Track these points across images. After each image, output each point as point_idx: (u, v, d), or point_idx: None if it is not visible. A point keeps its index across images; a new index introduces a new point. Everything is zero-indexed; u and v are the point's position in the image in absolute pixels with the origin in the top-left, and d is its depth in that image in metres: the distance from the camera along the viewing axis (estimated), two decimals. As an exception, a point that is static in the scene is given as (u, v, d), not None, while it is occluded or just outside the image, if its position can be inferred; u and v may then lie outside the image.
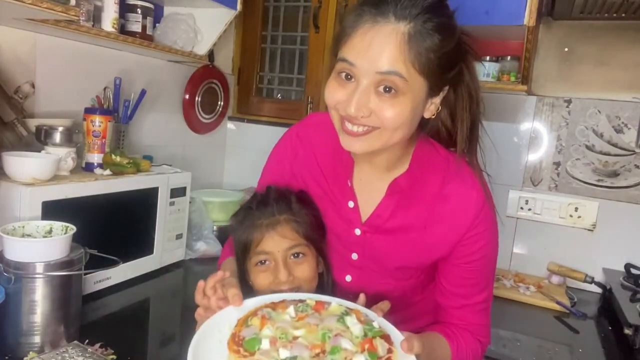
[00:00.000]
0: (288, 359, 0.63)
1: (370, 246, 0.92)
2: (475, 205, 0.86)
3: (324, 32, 2.17)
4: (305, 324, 0.71)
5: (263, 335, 0.68)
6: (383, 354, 0.68)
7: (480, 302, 0.92)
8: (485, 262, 0.90)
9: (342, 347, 0.67)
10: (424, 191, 0.87)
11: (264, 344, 0.66)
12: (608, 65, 1.76)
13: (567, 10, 1.62)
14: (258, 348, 0.66)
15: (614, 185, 1.78)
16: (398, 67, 0.71)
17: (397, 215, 0.89)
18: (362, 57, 0.72)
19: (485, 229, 0.87)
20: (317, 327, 0.70)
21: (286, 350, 0.64)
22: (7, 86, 1.35)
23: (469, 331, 0.92)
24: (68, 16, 1.12)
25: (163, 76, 1.94)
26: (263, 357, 0.64)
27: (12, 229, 1.09)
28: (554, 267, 1.81)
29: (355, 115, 0.74)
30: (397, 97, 0.73)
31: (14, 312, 1.05)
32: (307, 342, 0.67)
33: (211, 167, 2.32)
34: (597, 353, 1.37)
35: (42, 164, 1.22)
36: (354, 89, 0.74)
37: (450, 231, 0.87)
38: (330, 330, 0.70)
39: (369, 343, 0.68)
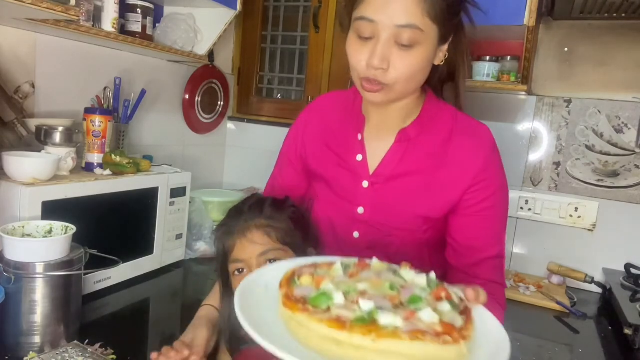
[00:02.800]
0: (378, 311, 0.54)
1: (377, 198, 0.91)
2: (485, 150, 0.87)
3: (324, 32, 2.17)
4: (363, 278, 0.63)
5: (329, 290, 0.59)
6: (458, 303, 0.61)
7: (495, 256, 0.89)
8: (497, 212, 0.89)
9: (421, 296, 0.59)
10: (432, 138, 0.89)
11: (338, 298, 0.57)
12: (608, 65, 1.76)
13: (567, 10, 1.62)
14: (332, 304, 0.56)
15: (614, 185, 1.78)
16: (415, 19, 0.76)
17: (405, 162, 0.90)
18: (380, 13, 0.76)
19: (495, 175, 0.88)
20: (380, 280, 0.62)
21: (368, 302, 0.55)
22: (7, 86, 1.35)
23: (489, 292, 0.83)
24: (68, 16, 1.12)
25: (163, 76, 1.94)
26: (343, 311, 0.54)
27: (12, 229, 1.09)
28: (554, 267, 1.81)
29: (378, 67, 0.78)
30: (414, 48, 0.78)
31: (14, 312, 1.05)
32: (379, 294, 0.59)
33: (211, 167, 2.32)
34: (597, 353, 1.37)
35: (42, 164, 1.22)
36: (375, 44, 0.78)
37: (460, 174, 0.87)
38: (396, 283, 0.62)
39: (444, 291, 0.61)
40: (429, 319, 0.53)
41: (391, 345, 0.50)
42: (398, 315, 0.53)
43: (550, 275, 1.82)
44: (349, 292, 0.59)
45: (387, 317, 0.52)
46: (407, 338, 0.50)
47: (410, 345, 0.50)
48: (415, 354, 0.50)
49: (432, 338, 0.51)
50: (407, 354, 0.50)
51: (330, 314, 0.54)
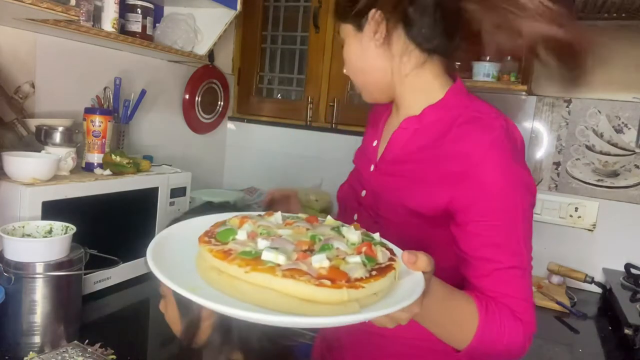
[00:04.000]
0: (268, 248, 0.54)
1: (376, 182, 0.91)
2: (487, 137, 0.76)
3: (324, 32, 2.17)
4: (293, 227, 0.62)
5: (235, 227, 0.61)
6: (383, 262, 0.58)
7: (512, 267, 0.77)
8: (505, 219, 0.77)
9: (335, 246, 0.58)
10: (434, 129, 0.83)
11: (240, 234, 0.58)
12: (608, 65, 1.76)
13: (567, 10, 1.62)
14: (233, 238, 0.58)
15: (614, 185, 1.78)
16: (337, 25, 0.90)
17: (405, 150, 0.87)
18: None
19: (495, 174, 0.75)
20: (307, 231, 0.61)
21: (266, 241, 0.56)
22: (7, 86, 1.35)
23: (506, 305, 0.76)
24: (68, 16, 1.12)
25: (163, 76, 1.94)
26: (237, 246, 0.56)
27: (12, 229, 1.09)
28: (554, 267, 1.81)
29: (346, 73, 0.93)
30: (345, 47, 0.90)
31: (14, 312, 1.05)
32: (292, 239, 0.58)
33: (211, 167, 2.32)
34: (597, 353, 1.37)
35: (42, 164, 1.22)
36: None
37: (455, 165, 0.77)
38: (322, 235, 0.61)
39: (367, 246, 0.59)
40: (317, 263, 0.53)
41: (263, 278, 0.51)
42: (288, 256, 0.54)
43: (550, 275, 1.82)
44: (265, 232, 0.60)
45: (269, 255, 0.53)
46: (280, 275, 0.51)
47: (282, 281, 0.51)
48: (288, 290, 0.51)
49: (308, 280, 0.51)
50: (278, 289, 0.51)
51: (221, 247, 0.56)
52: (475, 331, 0.72)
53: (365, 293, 0.53)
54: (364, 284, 0.53)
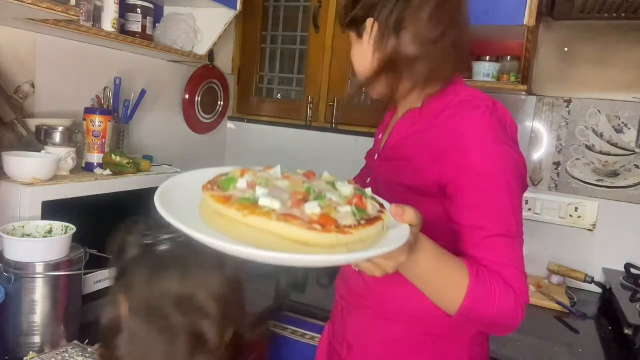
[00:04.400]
0: (265, 195, 0.58)
1: (378, 170, 0.99)
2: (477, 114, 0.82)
3: (324, 32, 2.17)
4: (291, 179, 0.66)
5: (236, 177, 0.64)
6: (372, 214, 0.61)
7: (501, 235, 0.79)
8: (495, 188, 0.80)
9: (328, 196, 0.61)
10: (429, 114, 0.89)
11: (241, 183, 0.62)
12: (608, 65, 1.76)
13: (567, 10, 1.62)
14: (233, 187, 0.62)
15: (614, 185, 1.78)
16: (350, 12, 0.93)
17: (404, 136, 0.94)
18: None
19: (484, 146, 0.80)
20: (303, 184, 0.64)
21: (264, 190, 0.60)
22: (7, 86, 1.35)
23: (497, 272, 0.77)
24: (68, 16, 1.12)
25: (163, 76, 1.94)
26: (237, 193, 0.59)
27: (12, 229, 1.09)
28: (554, 267, 1.81)
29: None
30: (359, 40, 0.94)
31: (14, 312, 1.05)
32: (289, 190, 0.62)
33: (211, 167, 2.32)
34: (597, 353, 1.37)
35: (42, 164, 1.22)
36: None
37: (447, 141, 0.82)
38: (317, 187, 0.64)
39: (358, 198, 0.62)
40: (310, 210, 0.57)
41: (259, 222, 0.55)
42: (284, 203, 0.58)
43: (550, 275, 1.82)
44: (263, 182, 0.63)
45: (266, 201, 0.57)
46: (274, 218, 0.55)
47: (276, 224, 0.55)
48: (282, 233, 0.55)
49: (301, 224, 0.55)
50: (274, 232, 0.55)
51: (223, 194, 0.60)
52: (465, 292, 0.73)
53: (353, 239, 0.56)
54: (353, 231, 0.56)
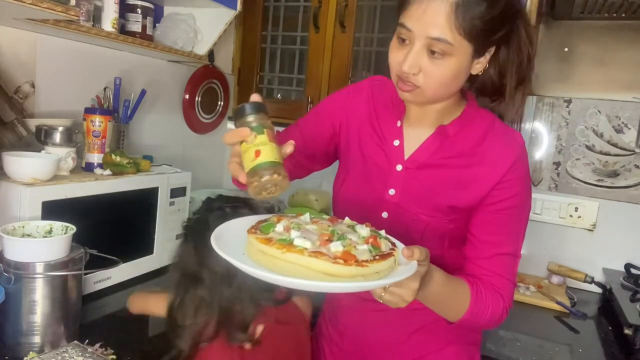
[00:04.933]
0: (298, 237, 0.73)
1: (409, 182, 0.97)
2: (516, 151, 0.94)
3: (324, 32, 2.17)
4: (318, 224, 0.81)
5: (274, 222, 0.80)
6: (385, 250, 0.76)
7: (509, 254, 0.94)
8: (518, 213, 0.95)
9: (349, 237, 0.76)
10: (468, 138, 0.96)
11: (278, 227, 0.77)
12: (608, 65, 1.76)
13: (567, 10, 1.62)
14: (272, 230, 0.77)
15: (614, 185, 1.78)
16: (445, 34, 0.82)
17: (439, 155, 0.96)
18: (415, 23, 0.83)
19: (522, 177, 0.94)
20: (328, 227, 0.79)
21: (297, 232, 0.75)
22: (7, 86, 1.35)
23: (491, 283, 0.93)
24: (68, 16, 1.12)
25: (163, 76, 1.94)
26: (276, 235, 0.74)
27: (12, 229, 1.09)
28: (554, 267, 1.81)
29: (408, 72, 0.86)
30: (444, 59, 0.84)
31: (14, 312, 1.05)
32: (317, 232, 0.77)
33: (211, 167, 2.32)
34: (597, 353, 1.37)
35: (42, 164, 1.22)
36: (408, 50, 0.86)
37: (490, 172, 0.93)
38: (340, 230, 0.79)
39: (373, 238, 0.77)
40: (334, 248, 0.71)
41: (295, 258, 0.70)
42: (313, 243, 0.72)
43: (550, 275, 1.82)
44: (296, 226, 0.77)
45: (300, 241, 0.72)
46: (307, 255, 0.69)
47: (308, 259, 0.69)
48: (312, 267, 0.69)
49: (327, 259, 0.69)
50: (306, 266, 0.69)
51: (265, 235, 0.75)
52: (467, 307, 0.90)
53: (369, 271, 0.70)
54: (369, 264, 0.71)
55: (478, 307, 0.90)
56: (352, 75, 2.16)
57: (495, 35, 0.87)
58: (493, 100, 0.99)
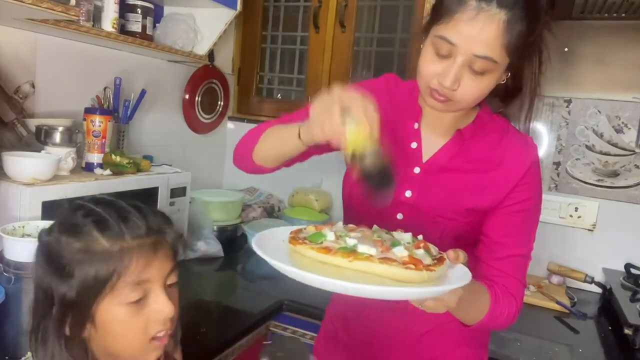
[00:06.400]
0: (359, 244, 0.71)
1: (427, 184, 0.97)
2: (531, 156, 0.95)
3: (324, 32, 2.17)
4: (358, 231, 0.79)
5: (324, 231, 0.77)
6: (436, 254, 0.76)
7: (522, 255, 0.97)
8: (532, 215, 0.97)
9: (401, 242, 0.75)
10: (484, 142, 0.97)
11: (330, 236, 0.75)
12: (608, 65, 1.76)
13: (567, 10, 1.62)
14: (324, 239, 0.74)
15: (614, 185, 1.78)
16: (492, 52, 0.81)
17: (458, 159, 0.97)
18: (463, 39, 0.81)
19: (536, 180, 0.96)
20: (371, 234, 0.78)
21: (352, 239, 0.73)
22: (7, 86, 1.35)
23: (504, 284, 0.95)
24: (68, 16, 1.13)
25: (163, 76, 1.94)
26: (331, 244, 0.72)
27: (12, 229, 1.09)
28: (554, 267, 1.81)
29: (449, 87, 0.84)
30: (485, 75, 0.84)
31: (14, 312, 1.05)
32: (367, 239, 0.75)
33: (211, 167, 2.32)
34: (597, 353, 1.37)
35: (42, 164, 1.22)
36: (450, 64, 0.83)
37: (508, 176, 0.94)
38: (383, 236, 0.78)
39: (423, 243, 0.77)
40: (399, 253, 0.71)
41: (364, 266, 0.68)
42: (375, 248, 0.71)
43: (550, 275, 1.82)
44: (341, 235, 0.76)
45: (364, 247, 0.70)
46: (377, 261, 0.68)
47: (379, 266, 0.68)
48: (384, 273, 0.67)
49: (398, 265, 0.68)
50: (378, 273, 0.68)
51: (321, 245, 0.72)
52: (486, 312, 0.91)
53: (436, 275, 0.71)
54: (435, 268, 0.71)
55: (496, 311, 0.92)
56: (352, 75, 2.16)
57: (531, 50, 0.88)
58: (504, 102, 0.99)
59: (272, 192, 2.33)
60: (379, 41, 2.15)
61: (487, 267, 0.96)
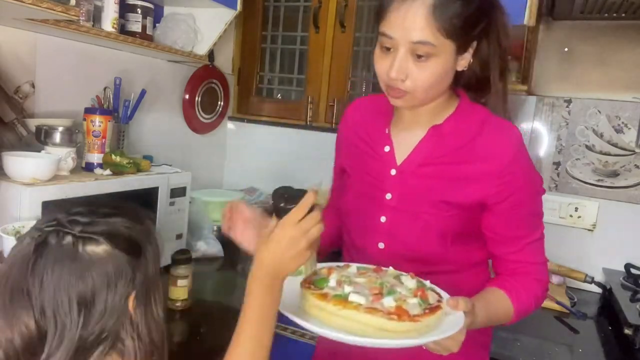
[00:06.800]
0: (352, 293, 0.78)
1: (405, 185, 0.98)
2: (513, 144, 0.95)
3: (324, 32, 2.17)
4: (366, 276, 0.86)
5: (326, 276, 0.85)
6: (433, 303, 0.80)
7: (536, 239, 0.98)
8: (532, 202, 0.97)
9: (398, 290, 0.80)
10: (463, 134, 0.96)
11: (331, 282, 0.82)
12: (608, 65, 1.76)
13: (567, 10, 1.62)
14: (326, 285, 0.82)
15: (614, 185, 1.78)
16: (427, 36, 0.83)
17: (435, 154, 0.97)
18: (396, 30, 0.85)
19: (524, 167, 0.95)
20: (377, 280, 0.84)
21: (350, 287, 0.80)
22: (7, 86, 1.35)
23: (526, 273, 0.97)
24: (68, 16, 1.13)
25: (163, 76, 1.94)
26: (330, 291, 0.79)
27: (12, 229, 1.09)
28: (554, 267, 1.80)
29: (396, 78, 0.87)
30: (429, 60, 0.86)
31: (14, 312, 1.04)
32: (367, 286, 0.82)
33: (211, 167, 2.32)
34: (597, 353, 1.37)
35: (42, 164, 1.22)
36: (393, 57, 0.87)
37: (488, 167, 0.93)
38: (387, 282, 0.83)
39: (421, 291, 0.82)
40: (387, 304, 0.76)
41: (351, 314, 0.74)
42: (367, 298, 0.77)
43: (550, 275, 1.81)
44: (347, 280, 0.83)
45: (355, 297, 0.77)
46: (362, 311, 0.74)
47: (365, 316, 0.74)
48: (368, 322, 0.73)
49: (382, 314, 0.73)
50: (362, 322, 0.74)
51: (322, 291, 0.80)
52: (512, 314, 0.96)
53: (421, 325, 0.75)
54: (421, 319, 0.75)
55: (522, 307, 0.96)
56: (352, 75, 2.16)
57: (475, 30, 0.89)
58: (479, 95, 1.00)
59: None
60: (379, 41, 2.15)
61: (506, 262, 0.99)
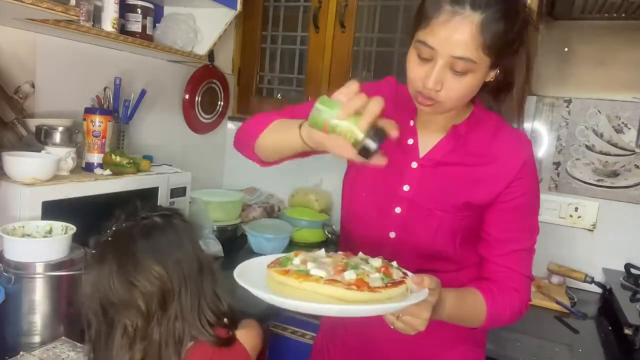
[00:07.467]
0: (314, 267, 0.79)
1: (425, 179, 1.00)
2: (525, 152, 0.98)
3: (324, 32, 2.17)
4: (333, 257, 0.87)
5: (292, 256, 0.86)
6: (397, 279, 0.80)
7: (524, 249, 0.99)
8: (531, 209, 1.00)
9: (362, 267, 0.81)
10: (479, 138, 0.99)
11: (295, 261, 0.84)
12: (608, 65, 1.76)
13: (567, 10, 1.62)
14: (290, 263, 0.83)
15: (614, 185, 1.78)
16: (470, 53, 0.84)
17: (454, 154, 0.99)
18: (440, 43, 0.84)
19: (532, 174, 0.98)
20: (342, 260, 0.85)
21: (313, 264, 0.81)
22: (7, 86, 1.35)
23: (507, 279, 0.97)
24: (68, 16, 1.13)
25: (163, 76, 1.94)
26: (293, 267, 0.81)
27: (12, 229, 1.09)
28: (554, 267, 1.81)
29: (432, 89, 0.87)
30: (466, 75, 0.87)
31: (14, 312, 1.05)
32: (332, 264, 0.82)
33: (211, 167, 2.32)
34: (597, 353, 1.37)
35: (42, 164, 1.22)
36: (431, 67, 0.87)
37: (503, 170, 0.96)
38: (353, 262, 0.85)
39: (385, 268, 0.82)
40: (348, 276, 0.77)
41: (312, 286, 0.75)
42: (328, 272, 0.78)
43: (550, 275, 1.82)
44: (312, 260, 0.84)
45: (315, 271, 0.78)
46: (322, 282, 0.75)
47: (324, 287, 0.75)
48: (328, 293, 0.75)
49: (342, 285, 0.75)
50: (323, 293, 0.75)
51: (285, 268, 0.81)
52: (484, 316, 0.95)
53: (381, 297, 0.75)
54: (381, 290, 0.76)
55: (495, 312, 0.95)
56: (352, 75, 2.16)
57: (512, 48, 0.90)
58: (496, 98, 1.01)
59: (272, 192, 2.33)
60: (379, 41, 2.15)
61: (490, 264, 0.99)
